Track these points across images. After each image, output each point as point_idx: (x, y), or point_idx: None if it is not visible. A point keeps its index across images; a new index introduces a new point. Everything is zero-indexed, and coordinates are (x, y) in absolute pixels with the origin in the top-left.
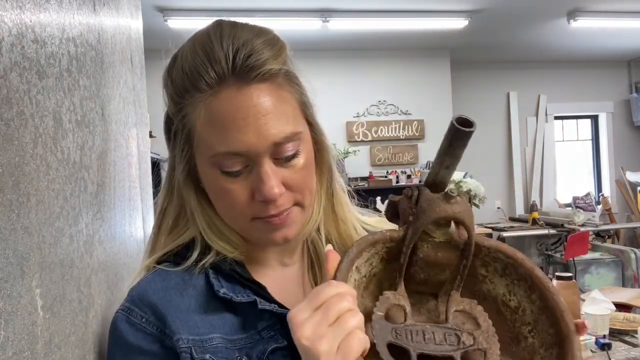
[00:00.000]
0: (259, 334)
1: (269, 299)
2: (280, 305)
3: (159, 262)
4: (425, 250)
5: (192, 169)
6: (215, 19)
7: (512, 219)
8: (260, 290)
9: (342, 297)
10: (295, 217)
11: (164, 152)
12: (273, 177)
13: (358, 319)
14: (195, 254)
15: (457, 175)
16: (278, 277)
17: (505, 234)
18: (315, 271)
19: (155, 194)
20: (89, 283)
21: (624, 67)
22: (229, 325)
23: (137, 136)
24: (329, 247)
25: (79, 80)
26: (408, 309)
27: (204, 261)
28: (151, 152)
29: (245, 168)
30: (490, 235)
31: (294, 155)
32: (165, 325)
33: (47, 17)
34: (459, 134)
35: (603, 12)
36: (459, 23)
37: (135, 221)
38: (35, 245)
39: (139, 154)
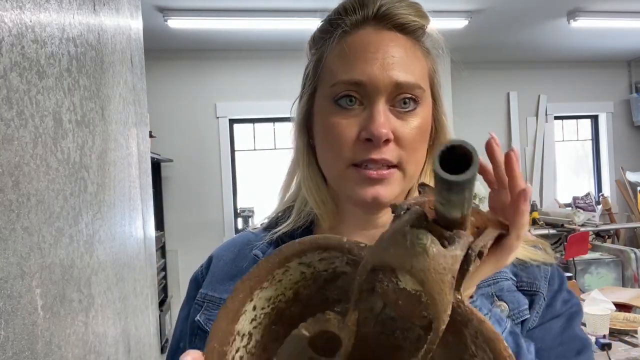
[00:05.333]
0: None
1: None
2: None
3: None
4: (385, 288)
5: (308, 114)
6: (215, 19)
7: None
8: None
9: None
10: (394, 180)
11: (164, 152)
12: (384, 117)
13: None
14: (282, 227)
15: None
16: None
17: None
18: None
19: (155, 193)
20: (89, 283)
21: (624, 67)
22: None
23: (137, 136)
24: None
25: (79, 80)
26: (345, 344)
27: (278, 232)
28: (151, 152)
29: (359, 106)
30: None
31: (410, 109)
32: (204, 278)
33: (47, 17)
34: (449, 185)
35: (603, 12)
36: (459, 23)
37: (135, 221)
38: (35, 245)
39: (139, 154)
